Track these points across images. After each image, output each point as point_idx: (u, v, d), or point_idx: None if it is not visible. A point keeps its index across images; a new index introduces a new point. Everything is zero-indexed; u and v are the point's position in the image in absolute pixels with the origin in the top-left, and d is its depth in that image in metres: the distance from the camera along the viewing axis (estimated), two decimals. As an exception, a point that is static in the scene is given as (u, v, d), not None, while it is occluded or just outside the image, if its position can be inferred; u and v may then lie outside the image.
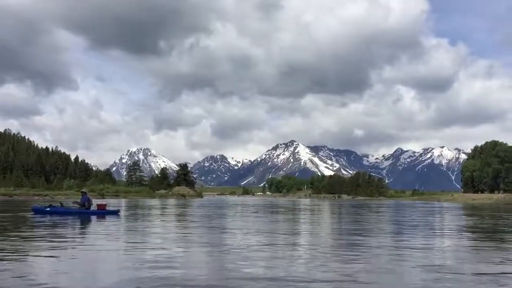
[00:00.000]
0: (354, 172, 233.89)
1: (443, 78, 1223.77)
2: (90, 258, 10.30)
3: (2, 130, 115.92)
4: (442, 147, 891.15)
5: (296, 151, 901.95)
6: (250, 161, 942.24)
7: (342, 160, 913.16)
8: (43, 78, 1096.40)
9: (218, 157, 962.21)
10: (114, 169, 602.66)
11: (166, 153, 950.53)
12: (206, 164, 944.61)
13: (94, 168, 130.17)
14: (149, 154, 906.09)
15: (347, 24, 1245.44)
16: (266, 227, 19.60)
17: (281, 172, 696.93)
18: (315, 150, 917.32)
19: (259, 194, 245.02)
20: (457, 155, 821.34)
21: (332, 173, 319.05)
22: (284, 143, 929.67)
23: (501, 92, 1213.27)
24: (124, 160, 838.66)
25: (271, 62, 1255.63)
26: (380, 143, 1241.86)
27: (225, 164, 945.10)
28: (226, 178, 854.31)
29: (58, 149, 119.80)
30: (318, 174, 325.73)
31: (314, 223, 23.94)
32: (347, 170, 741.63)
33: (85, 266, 9.18)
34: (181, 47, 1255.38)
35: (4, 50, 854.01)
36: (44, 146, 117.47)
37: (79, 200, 25.46)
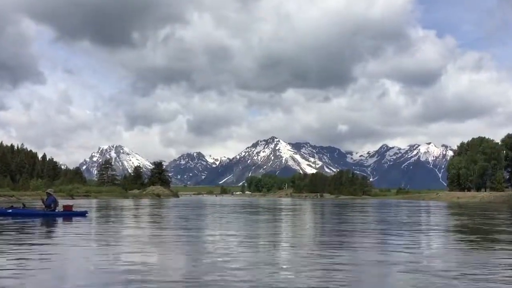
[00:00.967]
0: (338, 170, 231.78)
1: (430, 72, 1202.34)
2: (52, 264, 9.31)
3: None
4: (428, 144, 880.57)
5: (277, 148, 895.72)
6: (228, 159, 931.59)
7: (325, 157, 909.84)
8: (8, 71, 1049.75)
9: (195, 154, 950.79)
10: (84, 167, 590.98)
11: (139, 150, 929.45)
12: (182, 162, 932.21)
13: (63, 167, 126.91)
14: (121, 151, 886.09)
15: (330, 14, 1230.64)
16: (245, 229, 19.28)
17: (261, 170, 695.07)
18: (297, 147, 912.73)
19: (238, 193, 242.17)
20: (444, 152, 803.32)
21: (314, 171, 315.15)
22: (264, 140, 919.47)
23: (490, 85, 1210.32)
24: (95, 158, 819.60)
25: (250, 55, 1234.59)
26: (364, 140, 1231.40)
27: (202, 162, 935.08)
28: (203, 177, 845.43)
29: (24, 146, 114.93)
30: (300, 172, 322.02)
31: (296, 226, 23.95)
32: (331, 168, 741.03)
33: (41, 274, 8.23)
34: (155, 38, 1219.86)
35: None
36: (9, 144, 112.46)
37: (45, 200, 24.12)
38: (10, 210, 23.50)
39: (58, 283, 7.68)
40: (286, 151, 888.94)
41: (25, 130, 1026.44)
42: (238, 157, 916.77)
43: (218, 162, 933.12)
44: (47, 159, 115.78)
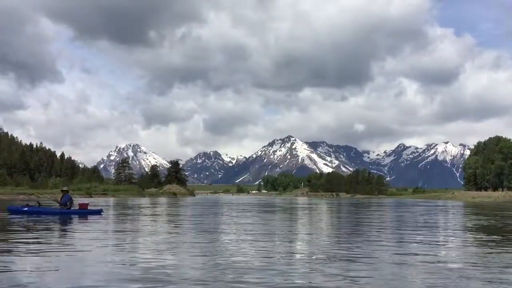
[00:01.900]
0: (355, 169, 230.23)
1: (448, 70, 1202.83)
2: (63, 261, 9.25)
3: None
4: (446, 143, 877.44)
5: (293, 147, 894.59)
6: (245, 157, 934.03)
7: (342, 156, 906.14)
8: (26, 70, 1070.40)
9: (211, 153, 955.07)
10: (101, 166, 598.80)
11: (156, 149, 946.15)
12: (199, 161, 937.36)
13: (80, 165, 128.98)
14: (138, 150, 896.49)
15: (347, 12, 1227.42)
16: (260, 230, 19.03)
17: (277, 169, 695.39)
18: (313, 146, 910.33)
19: (254, 192, 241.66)
20: (461, 151, 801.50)
21: (331, 170, 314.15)
22: (280, 139, 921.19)
23: (508, 84, 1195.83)
24: (112, 157, 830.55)
25: (267, 53, 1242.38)
26: (381, 139, 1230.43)
27: (218, 161, 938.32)
28: (220, 176, 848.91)
29: (43, 145, 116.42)
30: (317, 171, 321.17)
31: (312, 227, 23.60)
32: (347, 167, 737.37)
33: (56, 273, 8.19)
34: (172, 37, 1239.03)
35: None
36: (28, 143, 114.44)
37: (59, 199, 24.28)
38: (26, 208, 23.53)
39: (77, 280, 7.69)
40: (302, 150, 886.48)
41: (43, 129, 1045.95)
42: (254, 156, 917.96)
43: (234, 161, 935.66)
44: (65, 158, 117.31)
